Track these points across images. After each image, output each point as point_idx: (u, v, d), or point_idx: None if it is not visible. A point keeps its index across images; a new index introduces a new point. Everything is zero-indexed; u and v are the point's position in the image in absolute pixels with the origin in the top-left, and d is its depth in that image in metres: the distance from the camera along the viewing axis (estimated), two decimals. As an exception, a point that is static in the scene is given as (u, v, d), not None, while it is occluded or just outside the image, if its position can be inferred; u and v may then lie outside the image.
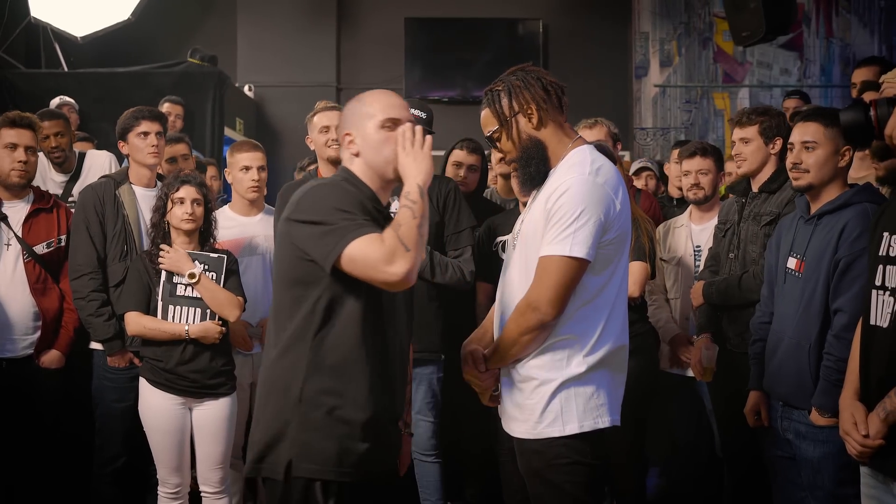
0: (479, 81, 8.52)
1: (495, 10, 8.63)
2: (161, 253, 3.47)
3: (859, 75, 4.19)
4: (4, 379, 3.63)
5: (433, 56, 8.69)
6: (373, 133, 2.27)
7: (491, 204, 4.31)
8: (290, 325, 2.19)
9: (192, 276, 3.42)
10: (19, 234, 3.68)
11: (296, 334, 2.19)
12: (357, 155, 2.30)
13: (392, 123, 2.27)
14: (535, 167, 2.41)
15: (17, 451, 3.66)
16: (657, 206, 4.68)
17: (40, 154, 4.57)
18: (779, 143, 3.45)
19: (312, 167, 4.70)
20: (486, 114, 2.48)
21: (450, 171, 4.18)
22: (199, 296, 3.45)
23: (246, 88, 8.32)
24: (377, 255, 2.07)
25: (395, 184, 2.34)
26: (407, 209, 2.13)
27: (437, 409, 3.67)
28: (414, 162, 2.20)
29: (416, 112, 3.63)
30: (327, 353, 2.17)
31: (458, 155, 4.22)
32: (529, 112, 2.40)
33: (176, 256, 3.46)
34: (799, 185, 2.92)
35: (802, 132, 2.92)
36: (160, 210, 3.54)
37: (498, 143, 2.47)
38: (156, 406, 3.43)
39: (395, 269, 2.07)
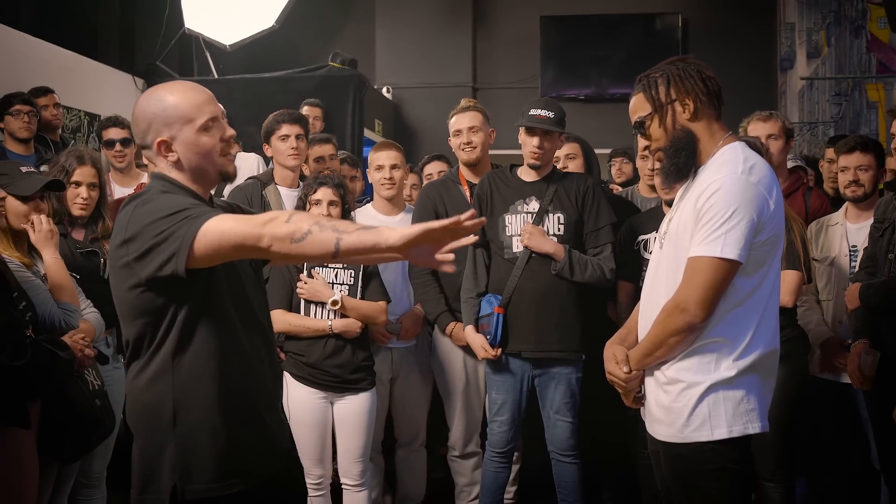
0: (615, 79, 8.41)
1: (632, 6, 8.49)
2: (299, 284, 3.56)
3: None
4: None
5: (568, 54, 8.63)
6: (194, 138, 2.11)
7: (629, 204, 4.24)
8: (144, 345, 2.08)
9: (334, 303, 3.52)
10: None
11: (155, 360, 2.07)
12: (177, 163, 2.12)
13: (212, 123, 2.13)
14: (683, 158, 2.35)
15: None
16: (828, 203, 4.45)
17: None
18: None
19: (435, 169, 4.68)
20: (638, 99, 2.43)
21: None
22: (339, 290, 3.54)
23: (384, 90, 8.49)
24: (252, 223, 1.89)
25: (216, 183, 2.23)
26: (376, 237, 1.83)
27: (576, 409, 3.64)
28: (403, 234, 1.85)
29: (543, 112, 3.61)
30: (187, 371, 2.06)
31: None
32: (686, 102, 2.35)
33: (315, 286, 3.55)
34: None
35: None
36: (301, 210, 3.66)
37: (647, 130, 2.42)
38: (299, 400, 3.55)
39: (266, 230, 1.86)
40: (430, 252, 1.85)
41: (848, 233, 3.83)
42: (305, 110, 5.91)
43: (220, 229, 1.91)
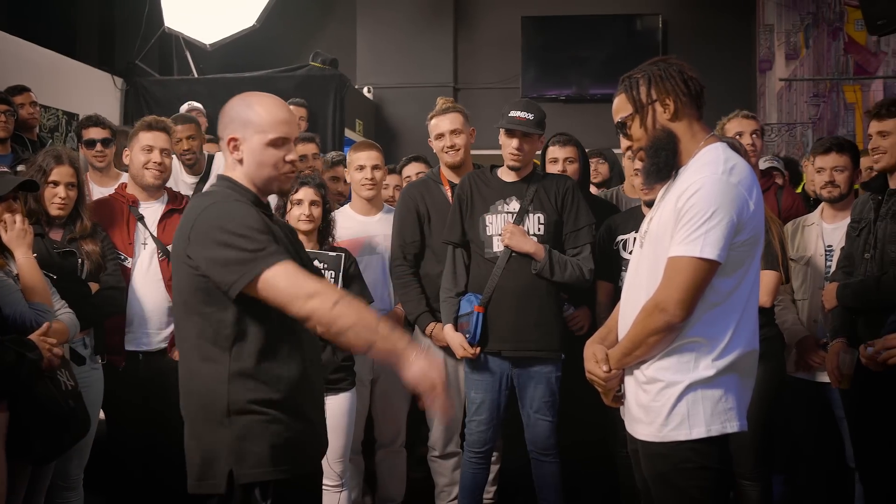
0: (596, 79, 8.45)
1: (613, 7, 8.53)
2: None
3: None
4: (141, 370, 3.80)
5: (549, 54, 8.66)
6: (260, 148, 2.30)
7: (609, 204, 4.25)
8: (204, 341, 2.21)
9: None
10: (155, 233, 3.85)
11: (211, 348, 2.21)
12: (240, 161, 2.32)
13: (281, 143, 2.30)
14: (663, 158, 2.36)
15: (151, 438, 3.83)
16: (800, 202, 4.48)
17: (173, 157, 4.80)
18: None
19: (414, 170, 4.67)
20: (620, 99, 2.44)
21: (549, 169, 4.14)
22: None
23: (365, 90, 8.48)
24: (291, 288, 2.13)
25: (272, 193, 2.42)
26: (385, 339, 2.13)
27: (556, 408, 3.64)
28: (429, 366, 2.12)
29: (523, 114, 3.61)
30: (245, 361, 2.19)
31: (553, 151, 4.18)
32: (666, 103, 2.36)
33: None
34: None
35: None
36: (280, 210, 3.64)
37: (628, 130, 2.43)
38: (280, 400, 3.54)
39: (305, 307, 2.12)
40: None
41: (824, 233, 3.87)
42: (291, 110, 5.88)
43: (274, 286, 2.12)
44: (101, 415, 3.71)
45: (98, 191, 4.53)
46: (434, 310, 3.86)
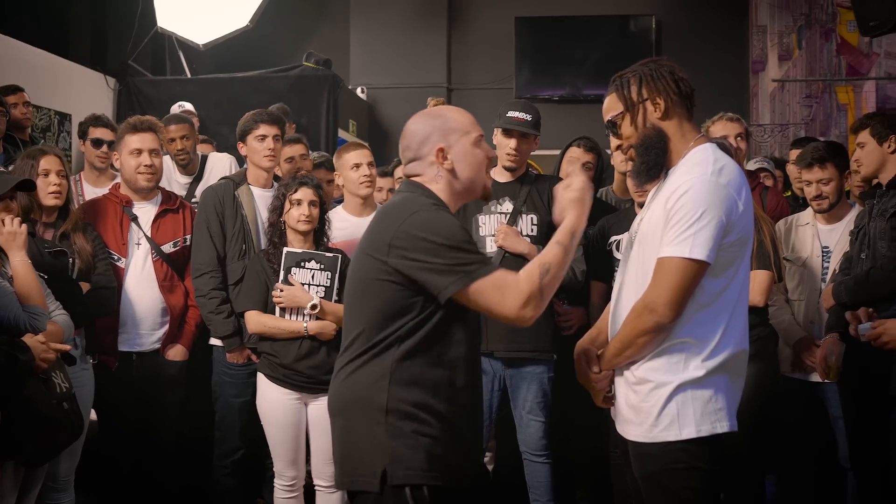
0: (590, 79, 8.45)
1: (607, 7, 8.53)
2: (275, 293, 3.55)
3: None
4: (135, 371, 3.80)
5: (543, 55, 8.66)
6: (470, 149, 2.33)
7: (604, 204, 4.26)
8: (373, 339, 2.22)
9: (314, 307, 3.50)
10: (148, 233, 3.84)
11: (378, 347, 2.21)
12: (451, 171, 2.32)
13: (482, 140, 2.36)
14: (654, 156, 2.37)
15: (143, 439, 3.83)
16: (785, 203, 4.50)
17: (166, 157, 4.78)
18: (893, 140, 3.42)
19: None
20: (611, 99, 2.45)
21: (565, 169, 4.14)
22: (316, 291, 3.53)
23: (359, 90, 8.48)
24: (513, 297, 2.14)
25: (476, 198, 2.42)
26: (560, 247, 2.21)
27: (548, 409, 3.65)
28: (582, 205, 2.28)
29: (521, 115, 3.62)
30: (412, 366, 2.20)
31: (576, 152, 4.18)
32: (657, 102, 2.37)
33: (293, 293, 3.53)
34: None
35: None
36: (277, 210, 3.64)
37: (618, 129, 2.44)
38: (273, 401, 3.53)
39: (527, 313, 2.16)
40: None
41: (820, 234, 3.87)
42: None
43: (486, 297, 2.15)
44: (93, 415, 3.70)
45: (91, 191, 4.53)
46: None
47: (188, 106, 6.14)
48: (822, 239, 3.86)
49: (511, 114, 3.63)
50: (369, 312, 2.24)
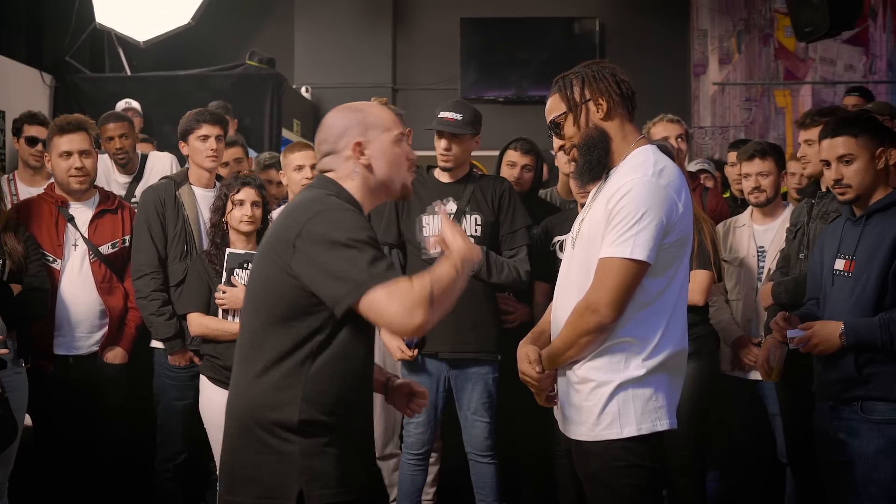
0: (535, 81, 8.49)
1: (551, 10, 8.58)
2: (217, 294, 3.51)
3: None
4: (72, 374, 3.71)
5: (488, 56, 8.68)
6: (389, 146, 2.21)
7: (547, 204, 4.29)
8: (281, 350, 2.09)
9: None
10: (86, 234, 3.76)
11: (284, 361, 2.08)
12: (367, 166, 2.20)
13: (402, 139, 2.26)
14: (596, 156, 2.39)
15: (82, 444, 3.75)
16: (725, 205, 4.58)
17: (104, 156, 4.68)
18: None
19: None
20: (554, 99, 2.47)
21: (504, 172, 4.16)
22: None
23: (303, 90, 8.39)
24: (399, 307, 1.99)
25: (393, 198, 2.33)
26: (451, 266, 2.07)
27: (493, 409, 3.66)
28: (466, 243, 2.13)
29: (451, 115, 3.62)
30: (323, 382, 2.08)
31: (512, 155, 4.19)
32: (599, 102, 2.39)
33: (235, 294, 3.48)
34: (846, 200, 2.92)
35: (833, 147, 2.89)
36: (219, 210, 3.59)
37: (561, 129, 2.45)
38: (216, 403, 3.47)
39: (414, 321, 2.01)
40: None
41: (755, 234, 3.96)
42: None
43: (376, 308, 2.00)
44: (28, 421, 3.61)
45: (27, 190, 4.41)
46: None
47: (134, 104, 6.02)
48: (757, 239, 3.94)
49: (442, 114, 3.63)
50: (273, 313, 2.11)
